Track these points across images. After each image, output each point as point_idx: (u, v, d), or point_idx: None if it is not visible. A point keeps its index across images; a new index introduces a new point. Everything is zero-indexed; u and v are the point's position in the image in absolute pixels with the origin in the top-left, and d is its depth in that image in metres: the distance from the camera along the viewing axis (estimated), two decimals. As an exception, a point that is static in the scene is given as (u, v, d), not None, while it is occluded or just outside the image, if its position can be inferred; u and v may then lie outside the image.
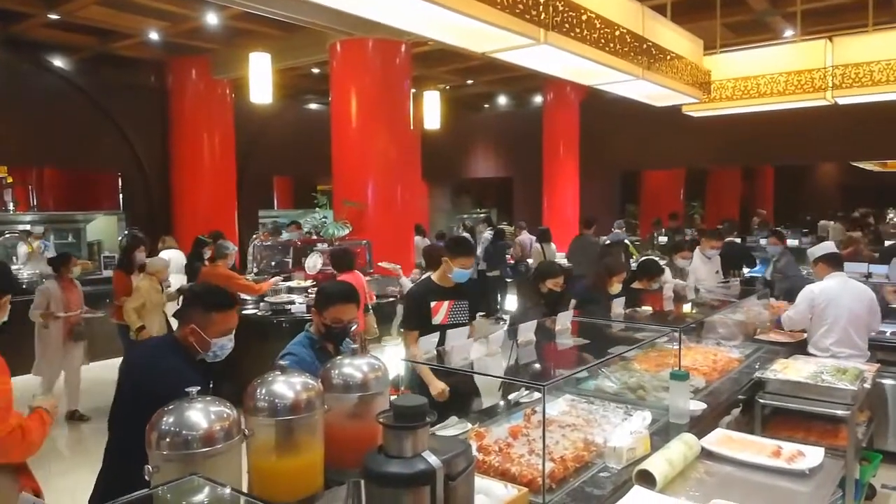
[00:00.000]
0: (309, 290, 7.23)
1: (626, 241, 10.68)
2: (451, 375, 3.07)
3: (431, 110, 9.53)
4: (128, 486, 1.47)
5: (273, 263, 8.23)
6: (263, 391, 1.82)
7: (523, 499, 2.19)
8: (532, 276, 4.60)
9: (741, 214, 17.24)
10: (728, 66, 5.43)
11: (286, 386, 1.83)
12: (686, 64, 4.61)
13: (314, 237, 7.96)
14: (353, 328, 2.81)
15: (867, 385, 3.82)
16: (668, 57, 4.30)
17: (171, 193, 11.21)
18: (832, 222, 11.88)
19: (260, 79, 7.55)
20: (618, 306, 3.93)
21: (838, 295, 4.42)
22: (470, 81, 12.81)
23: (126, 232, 10.63)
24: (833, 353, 4.36)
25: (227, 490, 1.46)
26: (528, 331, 3.04)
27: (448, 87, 13.21)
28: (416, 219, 9.67)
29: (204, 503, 1.50)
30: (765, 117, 8.87)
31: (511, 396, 3.40)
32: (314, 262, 7.75)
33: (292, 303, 6.85)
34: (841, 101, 5.24)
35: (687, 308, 4.78)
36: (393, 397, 2.10)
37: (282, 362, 1.89)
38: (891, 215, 18.53)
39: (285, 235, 9.26)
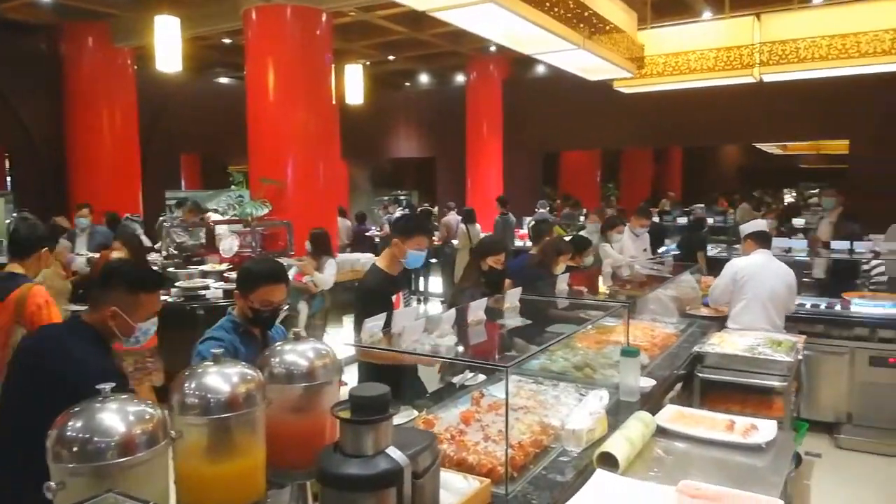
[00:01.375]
0: (225, 274, 6.79)
1: (550, 219, 10.73)
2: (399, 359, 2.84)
3: (354, 85, 9.15)
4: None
5: (183, 244, 7.69)
6: (193, 385, 1.53)
7: (486, 491, 2.02)
8: (473, 253, 4.41)
9: (652, 195, 17.81)
10: (659, 42, 5.41)
11: (221, 378, 1.55)
12: (624, 37, 4.54)
13: (226, 218, 7.48)
14: (283, 310, 2.57)
15: (800, 356, 3.89)
16: (608, 28, 4.19)
17: (67, 172, 10.27)
18: (743, 203, 12.40)
19: (167, 44, 6.94)
20: (562, 282, 3.81)
21: (760, 272, 4.48)
22: (391, 57, 12.47)
23: (14, 214, 9.69)
24: (750, 328, 4.39)
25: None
26: (478, 310, 2.85)
27: (368, 63, 12.80)
28: (338, 199, 9.31)
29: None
30: (680, 99, 9.08)
31: (455, 380, 3.22)
32: (230, 245, 7.28)
33: (207, 288, 6.39)
34: (767, 79, 5.34)
35: (604, 287, 4.69)
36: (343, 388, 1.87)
37: (214, 350, 1.60)
38: (787, 196, 19.73)
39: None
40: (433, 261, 10.77)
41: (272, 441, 1.68)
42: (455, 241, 10.46)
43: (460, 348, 2.65)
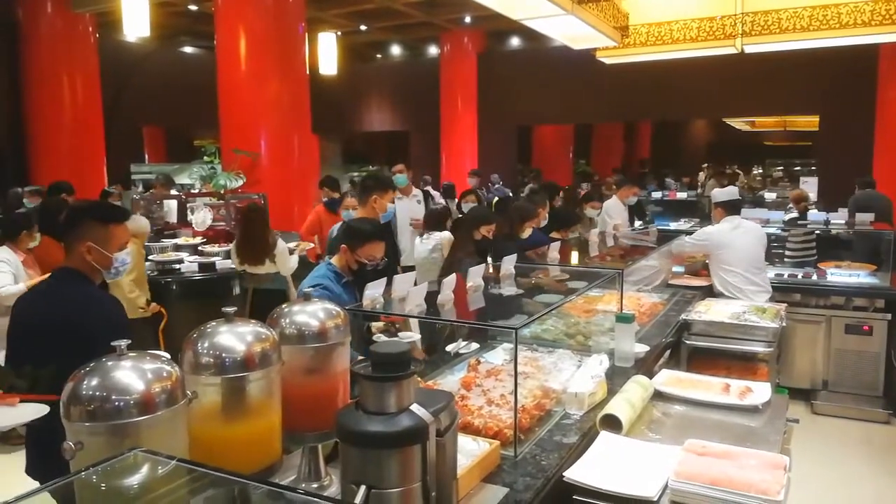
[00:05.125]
0: (200, 248, 6.63)
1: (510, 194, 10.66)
2: (394, 326, 2.80)
3: (327, 54, 8.94)
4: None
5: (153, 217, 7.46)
6: (206, 344, 1.47)
7: (495, 452, 2.01)
8: (465, 224, 4.38)
9: (622, 170, 17.95)
10: (642, 11, 5.38)
11: (235, 337, 1.49)
12: (610, 4, 4.50)
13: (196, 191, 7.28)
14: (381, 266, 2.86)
15: (784, 323, 3.96)
16: (596, -8, 4.16)
17: (26, 144, 9.83)
18: (711, 180, 12.58)
19: (134, 7, 6.66)
20: (553, 251, 3.80)
21: (732, 238, 4.58)
22: (363, 27, 12.23)
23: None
24: (739, 291, 4.50)
25: (191, 466, 1.14)
26: (476, 275, 2.82)
27: (340, 34, 12.54)
28: (312, 171, 9.14)
29: (151, 484, 1.17)
30: (654, 73, 9.14)
31: (449, 348, 3.19)
32: (203, 218, 7.10)
33: (181, 261, 6.23)
34: (749, 50, 5.36)
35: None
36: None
37: (308, 290, 1.73)
38: (755, 171, 20.11)
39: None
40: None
41: (283, 404, 1.63)
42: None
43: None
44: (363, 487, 1.37)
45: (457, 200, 9.83)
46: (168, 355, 1.45)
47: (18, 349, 2.22)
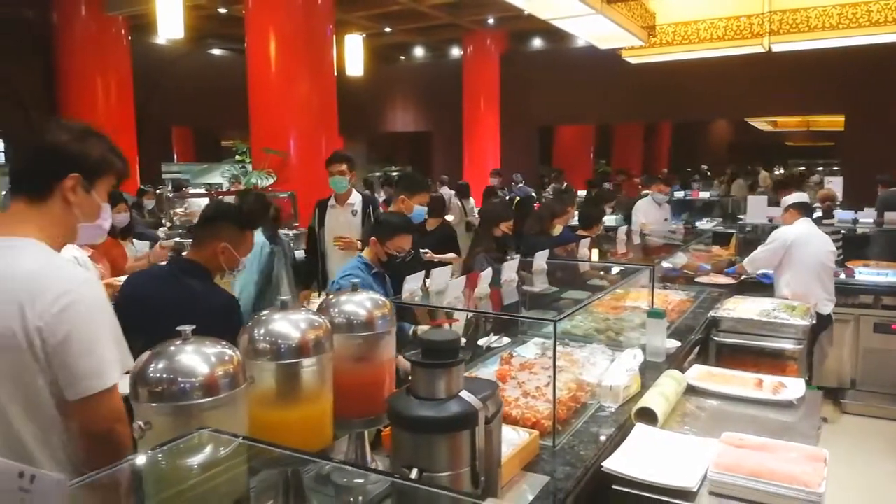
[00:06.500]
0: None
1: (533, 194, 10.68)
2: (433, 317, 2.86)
3: (354, 56, 9.03)
4: None
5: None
6: (262, 331, 1.53)
7: (535, 442, 2.05)
8: (484, 221, 4.43)
9: (643, 171, 17.85)
10: (669, 11, 5.38)
11: (289, 324, 1.55)
12: (638, 4, 4.51)
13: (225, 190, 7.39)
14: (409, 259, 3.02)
15: (814, 321, 3.95)
16: (625, -8, 4.18)
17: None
18: (738, 179, 12.49)
19: (169, 9, 6.79)
20: (583, 247, 3.83)
21: (809, 240, 4.57)
22: (388, 29, 12.31)
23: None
24: (804, 295, 4.43)
25: (258, 445, 1.19)
26: (511, 269, 2.87)
27: (365, 36, 12.65)
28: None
29: (217, 461, 1.23)
30: (676, 73, 9.09)
31: (481, 342, 3.23)
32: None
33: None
34: (776, 48, 5.34)
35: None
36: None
37: (353, 280, 1.83)
38: (777, 171, 19.91)
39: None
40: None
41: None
42: (450, 217, 10.39)
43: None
44: (415, 469, 1.42)
45: (471, 200, 9.89)
46: None
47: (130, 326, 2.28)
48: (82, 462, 1.47)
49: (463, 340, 2.69)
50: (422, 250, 5.75)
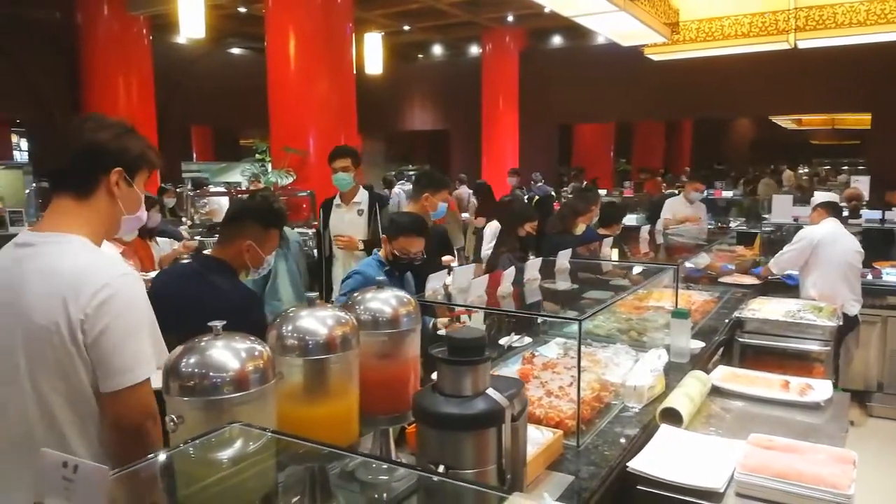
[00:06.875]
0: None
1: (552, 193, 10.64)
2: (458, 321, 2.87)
3: (373, 54, 9.05)
4: None
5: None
6: (290, 327, 1.54)
7: (559, 441, 2.04)
8: (508, 221, 4.42)
9: (664, 169, 17.71)
10: (692, 7, 5.33)
11: (317, 321, 1.55)
12: (662, 0, 4.47)
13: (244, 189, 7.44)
14: (419, 261, 2.95)
15: (840, 322, 3.89)
16: (649, -11, 4.15)
17: (86, 143, 10.15)
18: (765, 178, 12.35)
19: (191, 9, 6.85)
20: (606, 246, 3.81)
21: (838, 239, 4.52)
22: (407, 27, 12.33)
23: (34, 185, 9.66)
24: (831, 295, 4.39)
25: (289, 439, 1.20)
26: (533, 268, 2.86)
27: (383, 34, 12.68)
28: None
29: (247, 455, 1.24)
30: (698, 70, 8.99)
31: (502, 341, 3.23)
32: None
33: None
34: (802, 45, 5.27)
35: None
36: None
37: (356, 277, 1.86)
38: (801, 170, 19.64)
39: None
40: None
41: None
42: (466, 215, 10.38)
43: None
44: (441, 466, 1.42)
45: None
46: None
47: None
48: (112, 456, 1.50)
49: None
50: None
